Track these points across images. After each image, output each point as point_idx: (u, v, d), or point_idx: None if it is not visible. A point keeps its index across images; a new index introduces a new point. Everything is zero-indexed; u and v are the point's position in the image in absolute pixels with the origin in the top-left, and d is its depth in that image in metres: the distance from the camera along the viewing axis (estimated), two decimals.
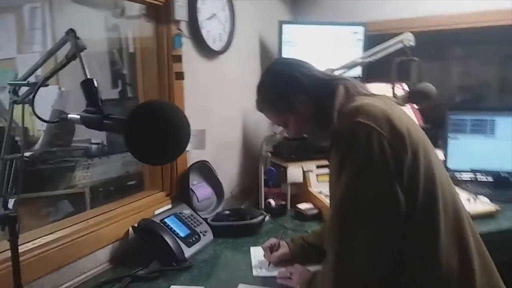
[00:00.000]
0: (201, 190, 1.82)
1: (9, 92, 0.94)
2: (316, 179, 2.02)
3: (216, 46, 1.97)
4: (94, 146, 2.36)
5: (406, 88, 2.18)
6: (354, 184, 0.94)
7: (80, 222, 1.41)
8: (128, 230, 1.51)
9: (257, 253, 1.50)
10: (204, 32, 1.86)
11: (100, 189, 2.10)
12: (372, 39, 2.41)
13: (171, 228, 1.52)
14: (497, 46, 2.82)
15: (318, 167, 2.04)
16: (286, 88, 1.18)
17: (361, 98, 1.09)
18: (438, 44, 2.88)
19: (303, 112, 1.17)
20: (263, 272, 1.36)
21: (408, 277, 0.96)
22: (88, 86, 0.73)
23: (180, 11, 1.71)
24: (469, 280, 0.97)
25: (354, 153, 0.95)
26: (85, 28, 2.29)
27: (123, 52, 2.22)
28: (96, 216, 1.48)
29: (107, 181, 2.20)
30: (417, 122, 1.69)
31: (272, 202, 1.91)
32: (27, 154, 1.01)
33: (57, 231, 1.32)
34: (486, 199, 1.85)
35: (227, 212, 1.81)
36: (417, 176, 0.95)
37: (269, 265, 1.39)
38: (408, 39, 1.83)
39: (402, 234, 0.93)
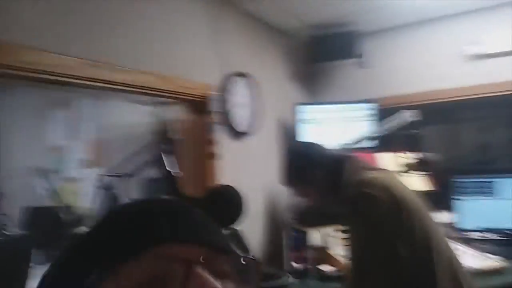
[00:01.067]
0: None
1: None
2: (334, 242, 2.23)
3: (243, 128, 2.33)
4: None
5: (412, 156, 2.45)
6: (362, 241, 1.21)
7: None
8: None
9: None
10: (233, 119, 2.23)
11: None
12: (383, 112, 2.72)
13: None
14: (502, 109, 3.04)
15: (336, 231, 2.26)
16: (305, 166, 1.49)
17: (367, 172, 1.37)
18: (445, 111, 3.14)
19: (318, 185, 1.46)
20: None
21: None
22: (169, 176, 1.07)
23: (215, 104, 2.09)
24: None
25: (362, 216, 1.23)
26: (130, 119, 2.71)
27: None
28: None
29: None
30: (412, 189, 1.96)
31: (295, 264, 2.13)
32: None
33: None
34: (492, 256, 2.01)
35: None
36: (414, 229, 1.21)
37: None
38: (409, 116, 2.13)
39: (406, 278, 1.18)
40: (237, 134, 2.30)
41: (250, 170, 2.42)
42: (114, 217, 0.43)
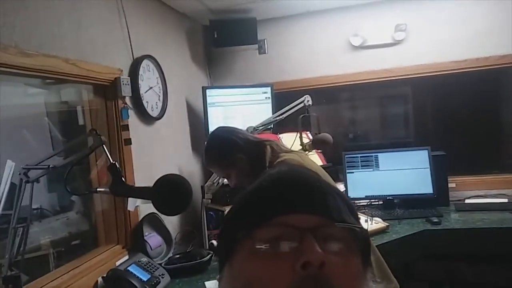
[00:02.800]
0: (153, 239, 2.08)
1: (19, 174, 1.18)
2: None
3: (154, 113, 2.30)
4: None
5: (310, 136, 2.72)
6: None
7: (52, 280, 1.59)
8: (97, 282, 1.71)
9: (211, 286, 1.80)
10: (144, 103, 2.19)
11: (51, 250, 2.20)
12: (279, 96, 2.96)
13: (135, 274, 1.76)
14: (377, 90, 3.55)
15: None
16: (228, 149, 1.58)
17: (283, 155, 1.53)
18: (330, 93, 3.53)
19: (241, 167, 1.57)
20: None
21: None
22: (113, 168, 1.04)
23: (125, 88, 2.03)
24: None
25: None
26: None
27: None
28: (66, 273, 1.66)
29: (55, 242, 2.30)
30: (320, 165, 2.21)
31: (215, 242, 2.23)
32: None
33: None
34: (379, 219, 2.40)
35: (177, 256, 2.08)
36: None
37: None
38: (307, 100, 2.36)
39: None
40: (148, 118, 2.26)
41: (162, 154, 2.41)
42: (254, 191, 0.56)
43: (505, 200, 2.68)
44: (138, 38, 2.21)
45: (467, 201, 2.76)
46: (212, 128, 2.86)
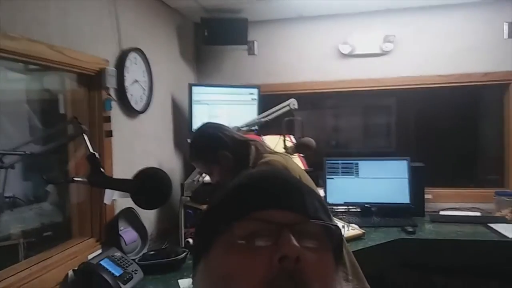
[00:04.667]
0: (128, 234, 2.05)
1: None
2: None
3: (138, 106, 2.27)
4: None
5: (294, 140, 2.73)
6: None
7: (21, 271, 1.54)
8: (67, 275, 1.67)
9: (185, 284, 1.78)
10: (128, 96, 2.16)
11: (22, 240, 2.15)
12: (265, 99, 2.96)
13: (107, 269, 1.73)
14: (362, 99, 3.60)
15: None
16: (213, 145, 1.57)
17: (267, 156, 1.53)
18: (316, 99, 3.56)
19: (225, 164, 1.57)
20: None
21: None
22: (92, 158, 1.02)
23: (110, 80, 1.99)
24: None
25: None
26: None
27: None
28: (36, 264, 1.62)
29: (26, 232, 2.24)
30: (303, 169, 2.21)
31: (191, 240, 2.21)
32: None
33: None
34: (356, 226, 2.42)
35: (152, 252, 2.06)
36: None
37: None
38: (293, 103, 2.37)
39: None
40: (131, 111, 2.23)
41: (144, 148, 2.39)
42: (234, 187, 0.56)
43: (479, 214, 2.74)
44: (127, 30, 2.18)
45: (442, 212, 2.82)
46: (196, 125, 2.85)
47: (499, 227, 2.40)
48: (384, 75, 3.05)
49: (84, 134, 1.06)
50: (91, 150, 1.04)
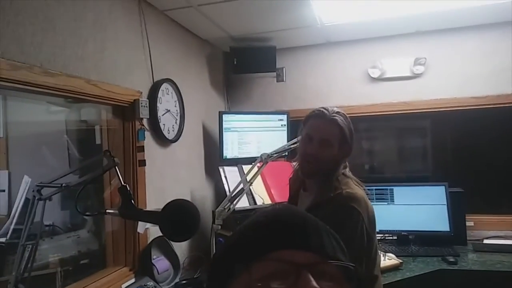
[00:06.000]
0: (160, 263, 2.05)
1: (33, 191, 1.19)
2: None
3: (170, 135, 2.32)
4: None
5: None
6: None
7: None
8: None
9: None
10: (161, 125, 2.21)
11: (59, 269, 2.19)
12: (294, 125, 2.95)
13: None
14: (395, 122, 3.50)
15: None
16: (352, 137, 1.57)
17: (353, 185, 1.50)
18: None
19: (342, 153, 1.55)
20: None
21: None
22: (123, 190, 1.04)
23: (143, 110, 2.05)
24: None
25: (346, 228, 1.33)
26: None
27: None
28: None
29: (64, 260, 2.30)
30: None
31: None
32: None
33: None
34: (392, 255, 2.33)
35: (184, 281, 2.05)
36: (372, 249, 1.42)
37: None
38: None
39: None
40: (164, 141, 2.28)
41: (176, 177, 2.42)
42: (250, 226, 0.56)
43: None
44: (159, 62, 2.26)
45: (485, 241, 2.66)
46: (226, 153, 2.88)
47: None
48: (416, 98, 2.99)
49: (116, 167, 1.09)
50: (123, 183, 1.06)
